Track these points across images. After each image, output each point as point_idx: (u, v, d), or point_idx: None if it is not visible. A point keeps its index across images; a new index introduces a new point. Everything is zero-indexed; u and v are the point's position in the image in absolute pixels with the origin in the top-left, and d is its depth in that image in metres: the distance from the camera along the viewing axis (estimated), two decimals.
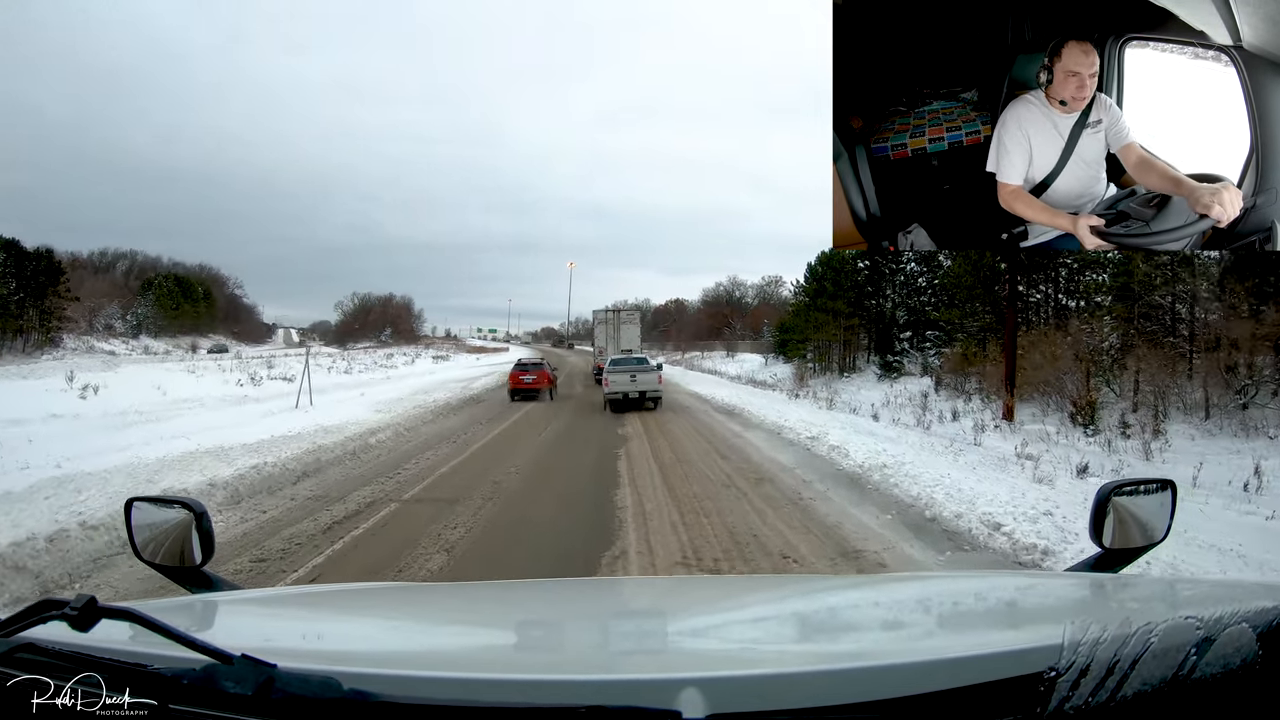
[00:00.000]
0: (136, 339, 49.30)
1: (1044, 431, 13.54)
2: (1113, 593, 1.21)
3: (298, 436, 9.86)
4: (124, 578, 4.42)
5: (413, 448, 10.40)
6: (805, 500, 6.87)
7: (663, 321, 69.97)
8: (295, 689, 0.67)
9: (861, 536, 5.55)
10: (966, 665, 0.71)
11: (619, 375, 16.21)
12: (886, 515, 6.25)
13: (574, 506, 6.74)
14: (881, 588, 1.56)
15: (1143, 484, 1.42)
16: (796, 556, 5.02)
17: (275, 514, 6.29)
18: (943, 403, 18.38)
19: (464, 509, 6.40)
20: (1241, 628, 0.69)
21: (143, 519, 1.33)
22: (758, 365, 36.06)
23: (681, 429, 12.82)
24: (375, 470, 8.53)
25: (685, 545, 5.29)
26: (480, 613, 1.32)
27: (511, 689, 0.70)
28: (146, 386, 19.18)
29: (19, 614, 0.74)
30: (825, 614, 1.24)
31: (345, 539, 5.46)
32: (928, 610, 1.22)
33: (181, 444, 8.63)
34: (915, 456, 8.74)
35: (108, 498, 5.54)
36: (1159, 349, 15.45)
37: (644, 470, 8.50)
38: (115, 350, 40.55)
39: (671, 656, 1.00)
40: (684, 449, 10.32)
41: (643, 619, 1.28)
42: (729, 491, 7.26)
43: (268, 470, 7.70)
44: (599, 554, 5.03)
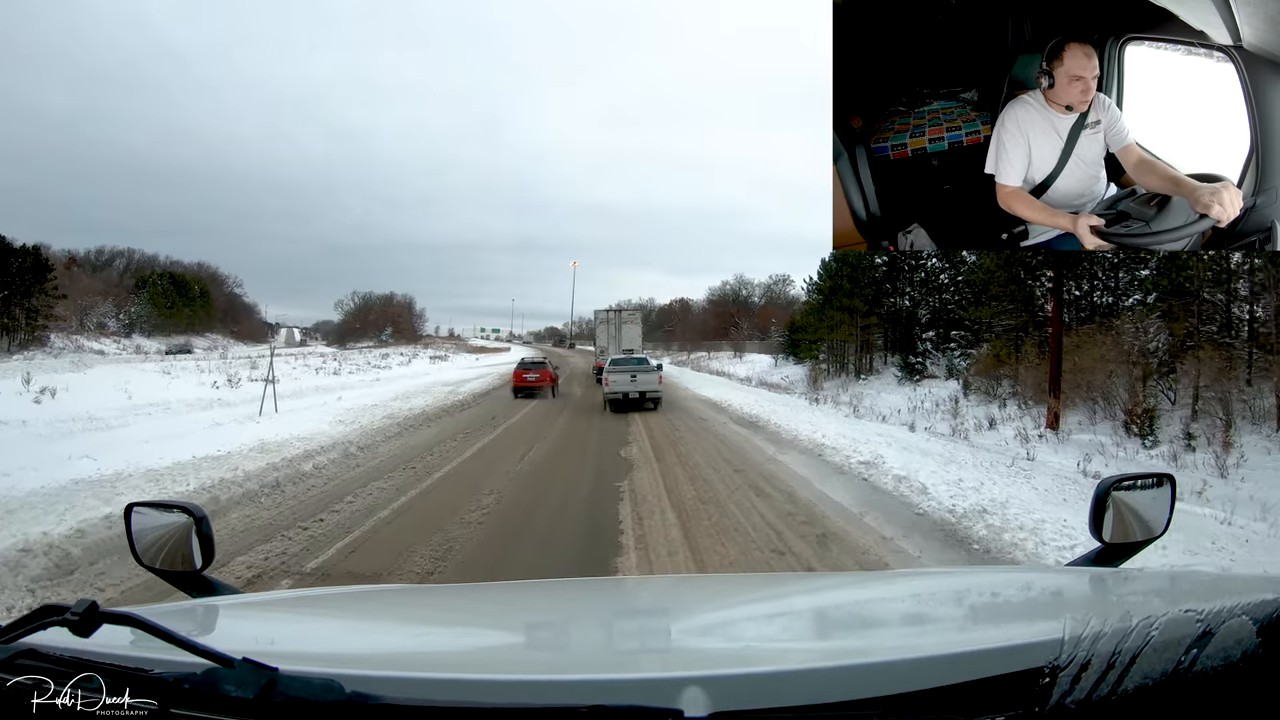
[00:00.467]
0: (129, 338, 47.73)
1: (1097, 443, 12.24)
2: (1113, 587, 1.21)
3: (223, 459, 8.12)
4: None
5: (357, 477, 8.16)
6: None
7: (667, 321, 69.35)
8: (297, 692, 0.67)
9: None
10: (967, 661, 0.71)
11: (619, 375, 16.08)
12: None
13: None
14: (882, 584, 1.56)
15: (1142, 478, 1.42)
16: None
17: (109, 595, 4.27)
18: (975, 408, 16.80)
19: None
20: (1242, 620, 0.69)
21: (142, 524, 1.33)
22: (767, 366, 34.84)
23: (699, 449, 10.40)
24: (289, 514, 6.37)
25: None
26: (481, 614, 1.32)
27: (513, 690, 0.70)
28: (113, 389, 17.32)
29: (20, 620, 0.74)
30: (826, 611, 1.25)
31: None
32: (928, 606, 1.22)
33: (84, 467, 7.20)
34: (1005, 490, 7.07)
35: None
36: (1218, 351, 13.65)
37: (657, 521, 6.20)
38: (105, 350, 38.72)
39: (673, 655, 1.00)
40: (707, 482, 7.92)
41: (644, 618, 1.29)
42: (784, 562, 5.10)
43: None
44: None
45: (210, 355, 39.16)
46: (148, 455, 8.03)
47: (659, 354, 50.10)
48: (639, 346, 25.40)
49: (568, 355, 56.66)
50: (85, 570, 4.66)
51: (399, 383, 24.01)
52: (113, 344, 43.13)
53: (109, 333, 46.56)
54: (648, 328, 46.71)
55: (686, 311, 68.41)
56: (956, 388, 19.76)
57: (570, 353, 64.56)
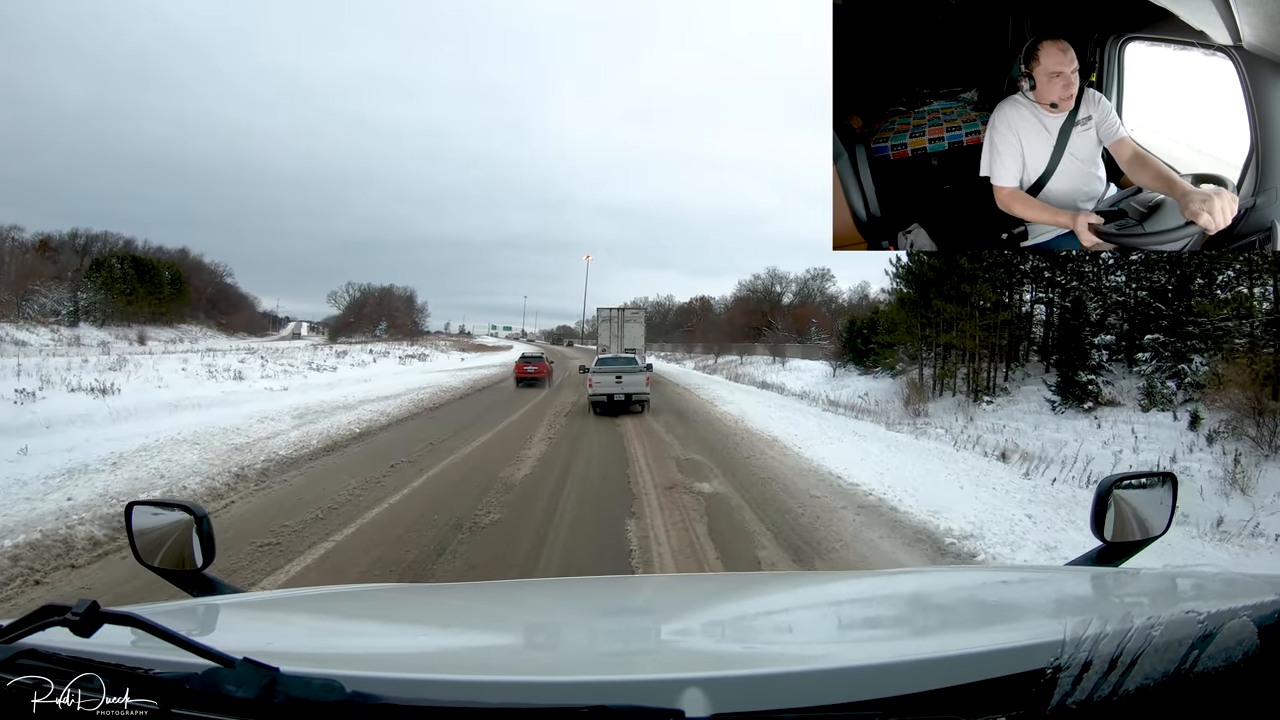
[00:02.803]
0: (74, 327, 41.58)
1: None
2: (1114, 587, 1.21)
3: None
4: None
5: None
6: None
7: (686, 321, 65.34)
8: (297, 692, 0.67)
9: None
10: (969, 662, 0.71)
11: (604, 376, 15.10)
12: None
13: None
14: (883, 585, 1.56)
15: (1144, 477, 1.41)
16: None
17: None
18: (1250, 464, 9.74)
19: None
20: (1243, 621, 0.69)
21: (143, 522, 1.33)
22: (820, 376, 27.71)
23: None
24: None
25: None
26: (482, 614, 1.32)
27: (513, 690, 0.70)
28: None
29: (21, 620, 0.74)
30: (827, 611, 1.24)
31: None
32: (930, 607, 1.22)
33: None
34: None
35: None
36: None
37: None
38: (28, 340, 32.62)
39: (674, 656, 1.00)
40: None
41: (644, 618, 1.28)
42: None
43: None
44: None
45: (148, 351, 30.15)
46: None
47: (680, 357, 46.44)
48: (641, 345, 25.26)
49: (566, 353, 56.48)
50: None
51: (318, 394, 16.56)
52: (49, 333, 37.78)
53: (47, 321, 40.77)
54: (666, 328, 44.89)
55: (707, 310, 63.76)
56: (1174, 421, 12.70)
57: (569, 350, 64.58)
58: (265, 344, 39.46)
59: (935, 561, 5.26)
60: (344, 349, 39.63)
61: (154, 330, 48.07)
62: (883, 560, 5.21)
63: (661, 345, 60.31)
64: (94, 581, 4.47)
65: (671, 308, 74.32)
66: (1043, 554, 5.46)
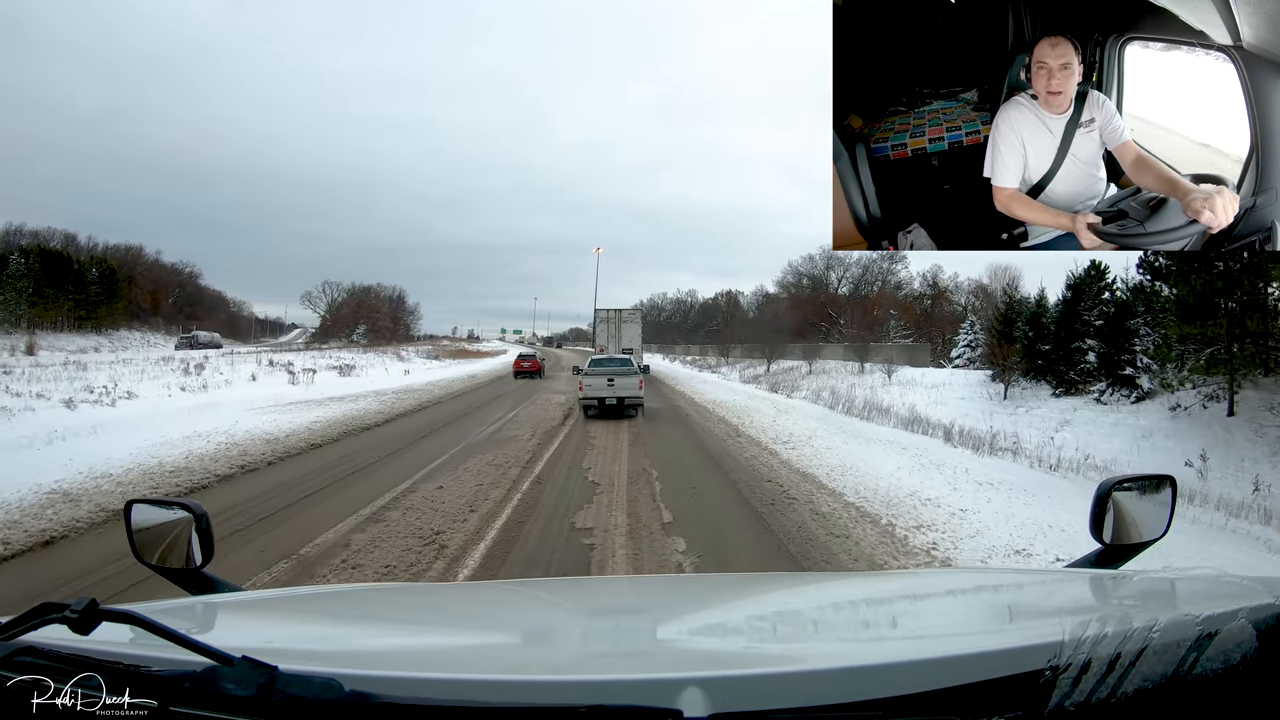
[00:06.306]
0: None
1: None
2: (1113, 589, 1.21)
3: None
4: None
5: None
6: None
7: (711, 319, 57.56)
8: (296, 690, 0.67)
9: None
10: (968, 662, 0.71)
11: (595, 379, 14.48)
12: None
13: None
14: (882, 585, 1.56)
15: (1143, 479, 1.41)
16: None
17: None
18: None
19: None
20: (1241, 624, 0.69)
21: (142, 520, 1.33)
22: (969, 393, 18.58)
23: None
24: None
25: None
26: (481, 613, 1.31)
27: (512, 689, 0.70)
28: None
29: (19, 617, 0.74)
30: (826, 611, 1.24)
31: None
32: (929, 607, 1.22)
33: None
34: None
35: None
36: None
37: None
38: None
39: (673, 655, 0.99)
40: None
41: (643, 618, 1.28)
42: None
43: None
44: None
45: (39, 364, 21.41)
46: None
47: (714, 363, 38.93)
48: (638, 347, 25.33)
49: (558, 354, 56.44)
50: None
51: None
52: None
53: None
54: (687, 328, 42.22)
55: (735, 307, 56.17)
56: None
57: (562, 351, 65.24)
58: (193, 354, 28.99)
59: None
60: (323, 355, 33.80)
61: (65, 338, 40.76)
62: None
63: (686, 348, 53.73)
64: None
65: (695, 304, 66.32)
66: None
